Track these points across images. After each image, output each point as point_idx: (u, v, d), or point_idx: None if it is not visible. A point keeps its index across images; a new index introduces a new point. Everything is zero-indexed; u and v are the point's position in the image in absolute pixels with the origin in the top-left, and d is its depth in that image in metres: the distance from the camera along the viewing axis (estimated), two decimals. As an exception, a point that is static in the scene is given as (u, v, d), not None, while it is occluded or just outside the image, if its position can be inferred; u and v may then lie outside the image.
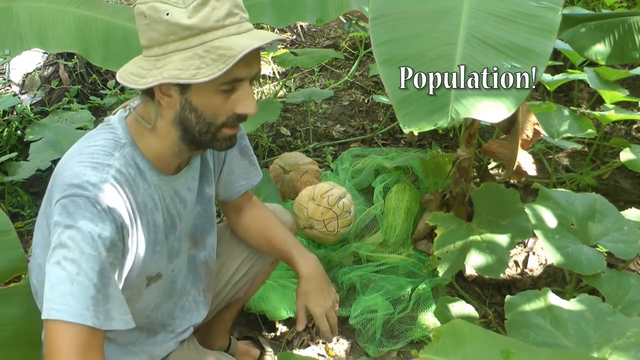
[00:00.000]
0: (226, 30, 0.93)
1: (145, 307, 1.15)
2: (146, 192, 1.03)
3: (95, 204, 0.92)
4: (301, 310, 1.26)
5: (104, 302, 0.91)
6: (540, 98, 3.06)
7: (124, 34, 1.78)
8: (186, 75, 0.91)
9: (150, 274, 1.10)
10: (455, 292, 1.94)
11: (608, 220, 1.67)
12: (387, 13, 1.29)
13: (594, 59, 2.03)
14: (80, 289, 0.89)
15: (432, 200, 2.07)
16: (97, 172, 0.94)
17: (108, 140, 1.00)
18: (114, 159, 0.98)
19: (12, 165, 2.42)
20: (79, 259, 0.89)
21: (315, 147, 2.82)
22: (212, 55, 0.90)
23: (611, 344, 1.18)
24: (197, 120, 0.98)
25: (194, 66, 0.91)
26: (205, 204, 1.24)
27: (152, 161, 1.04)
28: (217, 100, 0.96)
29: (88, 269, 0.89)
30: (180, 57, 0.92)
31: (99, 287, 0.90)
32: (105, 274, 0.91)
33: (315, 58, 2.72)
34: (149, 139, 1.03)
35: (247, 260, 1.46)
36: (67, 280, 0.89)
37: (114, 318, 0.93)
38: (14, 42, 1.74)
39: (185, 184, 1.14)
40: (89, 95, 3.04)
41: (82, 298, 0.88)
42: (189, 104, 0.96)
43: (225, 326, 1.59)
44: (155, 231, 1.07)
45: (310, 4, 1.93)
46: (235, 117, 0.99)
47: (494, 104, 1.11)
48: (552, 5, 1.23)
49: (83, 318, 0.88)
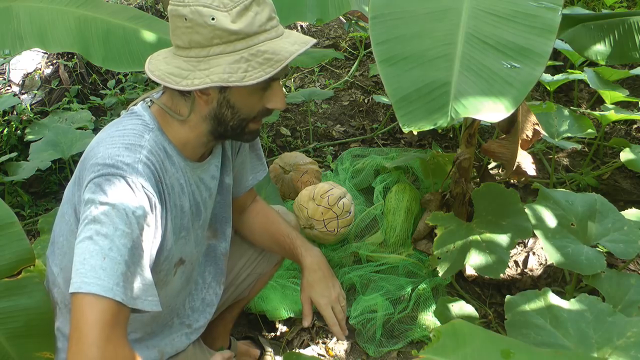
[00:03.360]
0: (268, 34, 0.98)
1: (170, 296, 1.16)
2: (174, 176, 1.06)
3: (130, 183, 0.94)
4: (306, 303, 1.25)
5: (133, 280, 0.92)
6: (540, 98, 3.06)
7: (124, 34, 1.78)
8: (235, 78, 0.95)
9: (176, 260, 1.12)
10: (455, 292, 1.93)
11: (608, 220, 1.67)
12: (387, 12, 1.29)
13: (594, 59, 2.02)
14: (112, 264, 0.89)
15: (432, 200, 2.07)
16: (130, 152, 0.97)
17: (137, 125, 1.03)
18: (144, 141, 1.00)
19: (12, 165, 2.42)
20: (113, 235, 0.90)
21: (315, 147, 2.82)
22: (259, 59, 0.95)
23: (611, 344, 1.17)
24: (232, 117, 1.03)
25: (242, 69, 0.95)
26: (225, 193, 1.26)
27: (178, 147, 1.07)
28: (254, 99, 1.03)
29: (121, 245, 0.90)
30: (227, 61, 0.95)
31: (130, 264, 0.91)
32: (136, 252, 0.92)
33: (315, 58, 2.72)
34: (177, 128, 1.06)
35: (251, 261, 1.47)
36: (100, 254, 0.89)
37: (139, 297, 0.93)
38: (14, 42, 1.74)
39: (209, 172, 1.16)
40: (89, 95, 3.04)
41: (113, 273, 0.89)
42: (227, 102, 1.01)
43: (226, 327, 1.59)
44: (182, 216, 1.09)
45: (310, 3, 1.93)
46: (265, 111, 1.06)
47: (494, 103, 1.10)
48: (552, 5, 1.23)
49: (113, 293, 0.88)
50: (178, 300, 1.22)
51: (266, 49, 0.96)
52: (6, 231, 1.19)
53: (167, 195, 1.04)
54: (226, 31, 0.94)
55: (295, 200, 2.17)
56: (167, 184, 1.04)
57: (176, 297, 1.20)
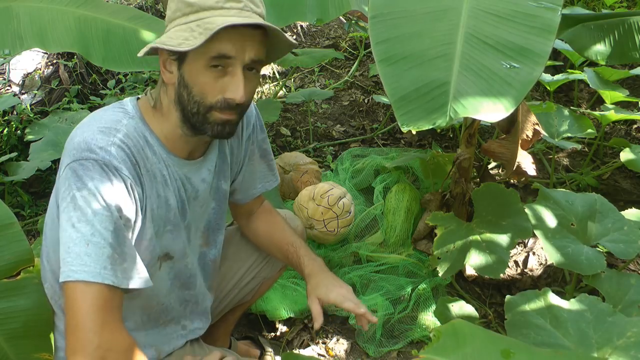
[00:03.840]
0: (225, 11, 0.95)
1: (158, 291, 1.15)
2: (155, 165, 1.04)
3: (104, 166, 0.93)
4: (314, 304, 1.19)
5: (121, 261, 0.92)
6: (540, 98, 3.06)
7: (124, 33, 1.78)
8: (173, 43, 0.94)
9: (160, 253, 1.10)
10: (455, 292, 1.93)
11: (608, 220, 1.67)
12: (387, 12, 1.28)
13: (594, 59, 2.02)
14: (96, 249, 0.90)
15: (432, 200, 2.07)
16: (104, 135, 0.97)
17: (117, 112, 1.03)
18: (121, 125, 1.00)
19: (12, 165, 2.42)
20: (93, 220, 0.90)
21: (315, 147, 2.82)
22: (200, 29, 0.93)
23: (611, 344, 1.17)
24: (188, 98, 1.00)
25: (182, 37, 0.94)
26: (221, 199, 1.24)
27: (161, 139, 1.06)
28: (205, 78, 0.97)
29: (102, 229, 0.91)
30: (176, 29, 0.96)
31: (115, 246, 0.91)
32: (119, 233, 0.93)
33: (315, 58, 2.72)
34: (157, 119, 1.05)
35: (255, 265, 1.46)
36: (83, 241, 0.90)
37: (132, 277, 0.94)
38: (14, 42, 1.74)
39: (198, 174, 1.14)
40: (89, 95, 3.04)
41: (99, 258, 0.90)
42: (182, 80, 0.99)
43: (227, 328, 1.59)
44: (167, 209, 1.08)
45: (310, 3, 1.93)
46: (224, 101, 0.99)
47: (493, 103, 1.10)
48: (552, 5, 1.22)
49: (101, 277, 0.89)
50: (171, 299, 1.20)
51: (210, 21, 0.93)
52: (5, 232, 1.18)
53: (148, 182, 1.02)
54: (184, 3, 0.96)
55: (295, 200, 2.17)
56: (149, 170, 1.03)
57: (167, 295, 1.18)
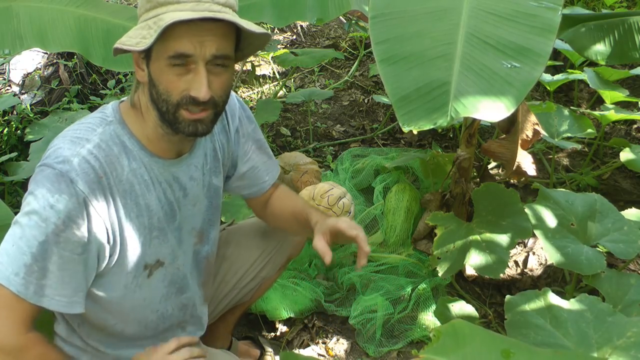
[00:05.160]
0: (180, 6, 0.92)
1: (151, 300, 1.13)
2: (134, 172, 1.02)
3: (58, 175, 0.93)
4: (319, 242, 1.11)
5: (39, 276, 0.92)
6: (540, 98, 3.06)
7: (124, 33, 1.77)
8: (131, 42, 0.93)
9: (149, 262, 1.08)
10: (455, 292, 1.93)
11: (608, 220, 1.67)
12: (387, 12, 1.28)
13: (594, 59, 2.03)
14: (17, 252, 0.91)
15: (432, 200, 2.07)
16: (72, 145, 0.96)
17: (95, 118, 1.02)
18: (94, 134, 0.99)
19: (12, 165, 2.42)
20: (26, 224, 0.92)
21: (315, 147, 2.82)
22: (155, 27, 0.91)
23: (611, 344, 1.17)
24: (157, 97, 0.97)
25: (141, 35, 0.93)
26: (212, 196, 1.21)
27: (143, 142, 1.03)
28: (168, 76, 0.94)
29: (30, 237, 0.91)
30: (136, 27, 0.95)
31: (37, 257, 0.91)
32: (47, 247, 0.92)
33: (315, 58, 2.72)
34: (138, 121, 1.03)
35: (256, 265, 1.45)
36: (11, 240, 0.92)
37: (47, 295, 0.94)
38: (14, 42, 1.74)
39: (187, 171, 1.11)
40: (89, 95, 3.04)
41: (15, 262, 0.91)
42: (151, 78, 0.97)
43: (227, 328, 1.59)
44: (150, 215, 1.05)
45: (310, 3, 1.93)
46: (189, 99, 0.95)
47: (494, 103, 1.10)
48: (552, 5, 1.23)
49: (9, 281, 0.91)
50: (167, 306, 1.18)
51: (162, 18, 0.90)
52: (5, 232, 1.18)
53: (122, 192, 1.00)
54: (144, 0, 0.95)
55: (295, 200, 2.17)
56: (123, 180, 1.00)
57: (164, 303, 1.16)
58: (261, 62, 3.64)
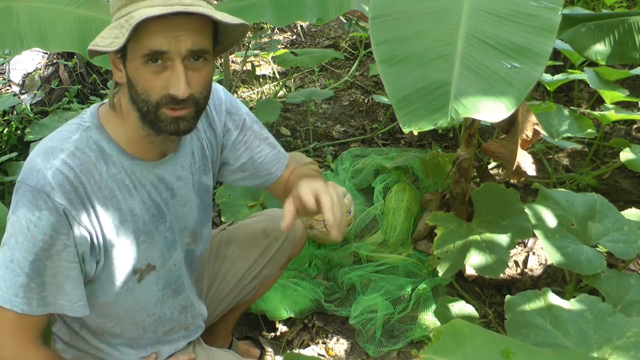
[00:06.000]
0: (150, 1, 0.89)
1: (145, 303, 1.12)
2: (113, 178, 1.00)
3: (35, 192, 0.92)
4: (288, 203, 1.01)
5: (39, 290, 0.94)
6: (540, 98, 3.06)
7: (123, 33, 1.78)
8: (104, 43, 0.90)
9: (139, 266, 1.07)
10: (455, 292, 1.93)
11: (608, 220, 1.67)
12: (387, 12, 1.28)
13: (594, 59, 2.03)
14: (11, 275, 0.93)
15: (432, 200, 2.07)
16: (45, 157, 0.94)
17: (71, 125, 1.00)
18: (69, 143, 0.97)
19: (12, 165, 2.42)
20: (14, 247, 0.92)
21: (315, 147, 2.82)
22: (127, 25, 0.87)
23: (611, 344, 1.17)
24: (136, 97, 0.94)
25: (113, 35, 0.90)
26: (203, 195, 1.19)
27: (122, 146, 1.01)
28: (145, 75, 0.91)
29: (21, 258, 0.92)
30: (108, 27, 0.93)
31: (32, 276, 0.93)
32: (40, 263, 0.93)
33: (315, 58, 2.72)
34: (118, 124, 1.01)
35: (257, 264, 1.45)
36: (3, 265, 0.93)
37: (50, 303, 0.96)
38: (14, 41, 1.74)
39: (172, 171, 1.08)
40: (89, 95, 3.04)
41: (12, 285, 0.93)
42: (128, 78, 0.94)
43: (227, 327, 1.59)
44: (134, 220, 1.03)
45: (310, 3, 1.93)
46: (169, 97, 0.92)
47: (494, 103, 1.10)
48: (552, 5, 1.22)
49: (11, 304, 0.93)
50: (165, 309, 1.17)
51: (132, 16, 0.87)
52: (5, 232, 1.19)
53: (101, 199, 0.98)
54: None
55: (295, 200, 2.16)
56: (102, 186, 0.98)
57: (160, 306, 1.15)
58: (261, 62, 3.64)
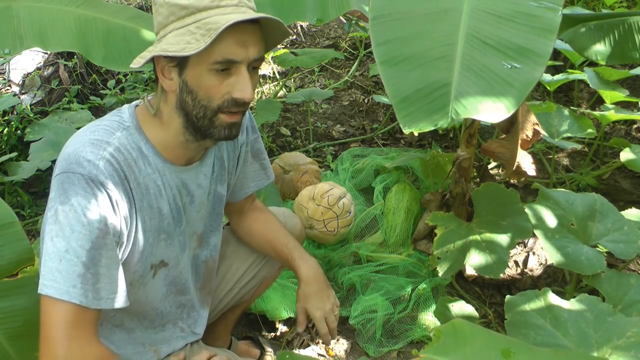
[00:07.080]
0: (221, 10, 0.93)
1: (152, 297, 1.15)
2: (149, 177, 1.03)
3: (89, 181, 0.92)
4: (301, 313, 1.28)
5: (94, 281, 0.92)
6: (540, 98, 3.06)
7: (124, 33, 1.78)
8: (175, 49, 0.92)
9: (154, 262, 1.10)
10: (455, 292, 1.94)
11: (608, 220, 1.67)
12: (387, 13, 1.28)
13: (594, 59, 2.03)
14: (68, 266, 0.90)
15: (432, 200, 2.07)
16: (94, 148, 0.95)
17: (112, 122, 1.02)
18: (114, 138, 0.99)
19: (12, 165, 2.42)
20: (70, 237, 0.90)
21: (315, 147, 2.82)
22: (202, 31, 0.91)
23: (611, 344, 1.17)
24: (193, 103, 0.98)
25: (184, 41, 0.92)
26: (216, 203, 1.24)
27: (158, 148, 1.04)
28: (210, 81, 0.95)
29: (77, 247, 0.90)
30: (174, 34, 0.94)
31: (88, 265, 0.91)
32: (95, 252, 0.92)
33: (315, 58, 2.72)
34: (156, 127, 1.04)
35: (255, 264, 1.46)
36: (57, 256, 0.90)
37: (102, 297, 0.94)
38: (14, 41, 1.74)
39: (195, 179, 1.13)
40: (89, 95, 3.04)
41: (69, 276, 0.90)
42: (185, 85, 0.97)
43: (227, 327, 1.59)
44: (160, 218, 1.07)
45: (310, 3, 1.93)
46: (232, 101, 0.97)
47: (494, 104, 1.10)
48: (552, 5, 1.23)
49: (69, 295, 0.90)
50: (166, 304, 1.19)
51: (210, 21, 0.91)
52: (6, 231, 1.19)
53: (139, 195, 1.01)
54: (177, 6, 0.93)
55: (295, 200, 2.17)
56: (141, 183, 1.01)
57: (162, 301, 1.18)
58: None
